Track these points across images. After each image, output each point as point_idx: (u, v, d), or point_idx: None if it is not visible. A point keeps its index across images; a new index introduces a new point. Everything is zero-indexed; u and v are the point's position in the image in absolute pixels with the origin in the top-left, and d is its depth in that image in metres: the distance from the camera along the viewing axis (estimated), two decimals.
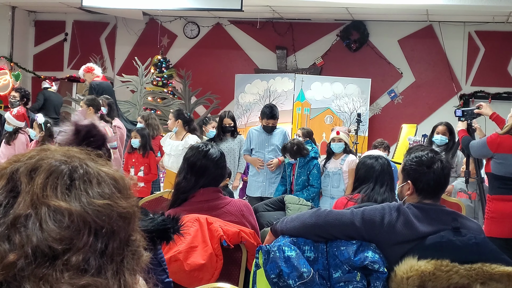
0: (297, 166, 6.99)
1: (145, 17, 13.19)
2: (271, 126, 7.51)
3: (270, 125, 7.49)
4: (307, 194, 6.75)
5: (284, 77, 11.90)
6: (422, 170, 2.91)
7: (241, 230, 3.35)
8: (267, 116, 7.47)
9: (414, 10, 10.90)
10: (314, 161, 6.98)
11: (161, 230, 2.39)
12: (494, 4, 9.23)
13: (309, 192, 6.82)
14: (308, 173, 6.91)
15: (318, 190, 6.91)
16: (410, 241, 2.77)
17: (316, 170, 6.93)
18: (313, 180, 6.90)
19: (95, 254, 1.03)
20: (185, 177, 3.59)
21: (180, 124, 7.67)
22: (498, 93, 11.94)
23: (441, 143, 6.79)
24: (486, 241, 2.81)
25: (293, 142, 7.01)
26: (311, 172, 6.91)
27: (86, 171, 1.09)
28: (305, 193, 6.80)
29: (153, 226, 2.36)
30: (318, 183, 6.90)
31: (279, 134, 7.59)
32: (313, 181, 6.90)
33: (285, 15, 12.44)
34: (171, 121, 7.77)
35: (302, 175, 6.95)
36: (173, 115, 7.80)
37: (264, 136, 7.56)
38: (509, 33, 11.43)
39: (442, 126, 6.92)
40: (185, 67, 12.95)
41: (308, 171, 6.92)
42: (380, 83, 12.36)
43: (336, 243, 2.84)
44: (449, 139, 6.83)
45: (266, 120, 7.48)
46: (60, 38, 13.93)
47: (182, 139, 7.55)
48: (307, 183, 6.93)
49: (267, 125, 7.51)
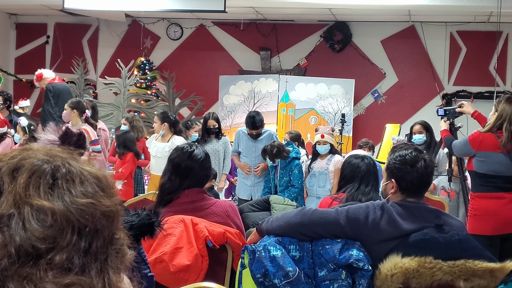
0: (279, 167, 7.00)
1: (127, 19, 13.15)
2: (255, 134, 7.51)
3: (254, 134, 7.49)
4: (288, 195, 6.72)
5: (268, 78, 11.92)
6: (405, 169, 2.93)
7: (226, 231, 3.35)
8: (249, 126, 7.45)
9: (396, 10, 10.95)
10: (296, 162, 6.97)
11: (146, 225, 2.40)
12: (475, 4, 9.29)
13: (290, 192, 6.80)
14: (290, 173, 6.92)
15: (299, 190, 6.88)
16: (394, 239, 2.78)
17: (297, 170, 6.92)
18: (294, 180, 6.90)
19: (79, 253, 1.03)
20: (170, 178, 3.58)
21: (166, 127, 7.64)
22: (480, 92, 12.03)
23: (420, 141, 6.88)
24: (468, 238, 2.83)
25: (273, 145, 7.00)
26: (292, 172, 6.91)
27: (68, 170, 1.09)
28: (286, 193, 6.80)
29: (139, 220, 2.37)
30: (299, 183, 6.89)
31: (266, 138, 7.54)
32: (294, 181, 6.89)
33: (269, 16, 12.45)
34: (157, 124, 7.72)
35: (284, 176, 6.95)
36: (158, 118, 7.76)
37: (251, 141, 7.55)
38: (491, 32, 11.51)
39: (417, 126, 7.05)
40: (168, 69, 12.94)
41: (290, 172, 6.92)
42: (364, 83, 12.41)
43: (321, 241, 2.85)
44: (427, 136, 6.92)
45: (250, 130, 7.49)
46: (42, 41, 13.85)
47: (168, 141, 7.53)
48: (290, 184, 6.94)
49: (251, 134, 7.52)
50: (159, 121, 7.69)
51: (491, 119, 5.09)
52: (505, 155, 4.88)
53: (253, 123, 7.38)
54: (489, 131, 4.98)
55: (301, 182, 6.91)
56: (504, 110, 4.94)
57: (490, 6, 9.15)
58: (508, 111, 4.91)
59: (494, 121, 4.99)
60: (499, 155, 4.90)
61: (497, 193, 4.93)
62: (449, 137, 5.46)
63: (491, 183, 4.93)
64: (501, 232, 4.90)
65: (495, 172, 4.93)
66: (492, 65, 11.87)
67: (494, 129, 4.96)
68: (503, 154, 4.88)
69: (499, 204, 4.90)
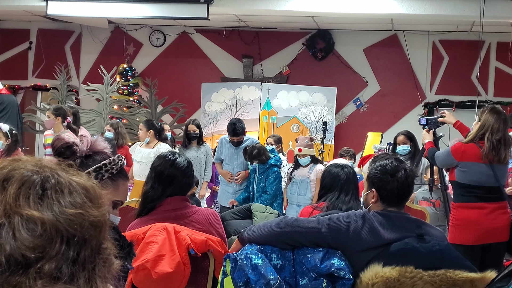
0: (257, 173, 7.03)
1: (110, 25, 13.13)
2: (237, 141, 7.53)
3: (235, 141, 7.51)
4: (261, 201, 6.74)
5: (251, 86, 11.96)
6: (386, 179, 2.95)
7: (208, 239, 3.36)
8: (230, 133, 7.49)
9: (378, 19, 11.03)
10: (274, 169, 6.99)
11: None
12: (457, 14, 9.38)
13: (262, 199, 6.83)
14: (266, 179, 6.95)
15: (271, 196, 6.85)
16: (375, 248, 2.81)
17: (273, 177, 6.93)
18: (268, 186, 6.90)
19: (68, 262, 1.04)
20: (153, 186, 3.59)
21: (152, 134, 7.65)
22: (462, 101, 12.13)
23: (404, 152, 6.92)
24: (449, 247, 2.86)
25: (255, 146, 7.05)
26: (268, 178, 6.94)
27: (57, 181, 1.10)
28: (259, 200, 6.82)
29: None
30: (272, 190, 6.89)
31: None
32: (268, 187, 6.90)
33: (251, 24, 12.49)
34: (142, 132, 7.72)
35: (261, 182, 6.97)
36: (144, 126, 7.76)
37: (233, 149, 7.57)
38: (473, 42, 11.63)
39: (401, 136, 7.09)
40: (151, 76, 12.92)
41: (267, 178, 6.95)
42: (346, 91, 12.47)
43: (302, 250, 2.87)
44: (411, 146, 6.97)
45: (231, 137, 7.51)
46: (24, 47, 13.78)
47: (153, 147, 7.55)
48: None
49: (232, 141, 7.54)
50: (145, 128, 7.70)
51: (474, 129, 5.13)
52: (486, 166, 4.91)
53: (234, 129, 7.41)
54: (471, 141, 5.02)
55: (275, 189, 6.92)
56: (487, 121, 4.99)
57: (472, 15, 9.25)
58: (491, 122, 4.95)
59: (477, 131, 5.03)
60: (481, 166, 4.94)
61: (478, 203, 4.96)
62: (432, 148, 5.48)
63: (472, 193, 4.97)
64: (481, 242, 4.93)
65: (476, 183, 4.96)
66: (474, 74, 11.98)
67: (476, 139, 5.00)
68: (484, 164, 4.92)
69: (480, 214, 4.93)
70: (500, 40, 11.88)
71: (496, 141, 4.91)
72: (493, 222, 4.92)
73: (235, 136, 7.45)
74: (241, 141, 7.52)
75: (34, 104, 12.46)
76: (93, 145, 2.31)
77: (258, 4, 9.78)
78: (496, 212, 4.94)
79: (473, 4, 9.09)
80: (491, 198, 4.96)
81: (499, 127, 4.94)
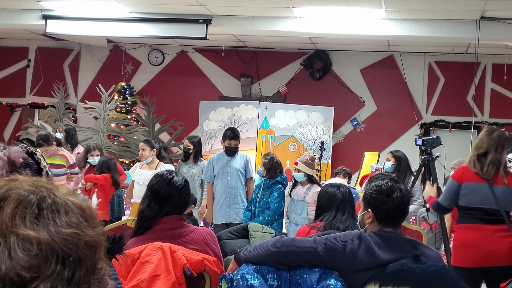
0: (262, 188, 7.03)
1: (109, 44, 13.18)
2: (234, 147, 7.51)
3: (232, 145, 7.50)
4: (263, 217, 6.75)
5: (249, 105, 11.98)
6: (381, 199, 2.97)
7: (204, 258, 3.35)
8: (229, 137, 7.49)
9: (375, 40, 11.10)
10: (278, 185, 6.99)
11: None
12: (453, 36, 9.42)
13: (264, 215, 6.82)
14: (270, 195, 6.95)
15: (273, 213, 6.84)
16: (372, 269, 2.81)
17: (277, 194, 6.92)
18: (271, 202, 6.88)
19: (63, 282, 1.05)
20: (149, 205, 3.58)
21: (154, 153, 7.61)
22: (458, 122, 12.17)
23: (387, 169, 7.19)
24: (445, 269, 2.87)
25: (273, 157, 7.09)
26: (271, 194, 6.94)
27: (54, 201, 1.11)
28: (261, 216, 6.81)
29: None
30: (275, 206, 6.87)
31: (240, 158, 7.57)
32: (271, 203, 6.87)
33: (250, 43, 12.55)
34: (146, 151, 7.57)
35: (265, 197, 6.97)
36: (147, 145, 7.62)
37: (226, 160, 7.54)
38: (468, 63, 11.68)
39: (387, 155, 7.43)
40: (149, 94, 12.96)
41: (270, 194, 6.95)
42: (343, 111, 12.51)
43: (299, 270, 2.87)
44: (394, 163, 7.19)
45: (229, 141, 7.49)
46: (23, 64, 13.81)
47: (156, 168, 7.38)
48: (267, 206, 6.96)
49: (229, 146, 7.50)
50: (148, 147, 7.58)
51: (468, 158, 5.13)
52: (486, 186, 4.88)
53: (232, 132, 7.53)
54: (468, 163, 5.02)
55: (278, 206, 6.90)
56: (479, 140, 5.00)
57: (468, 37, 9.30)
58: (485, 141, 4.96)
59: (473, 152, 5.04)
60: (481, 186, 4.88)
61: (478, 225, 4.88)
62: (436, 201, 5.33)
63: (471, 214, 4.93)
64: (481, 265, 4.84)
65: (474, 204, 4.92)
66: (470, 95, 12.02)
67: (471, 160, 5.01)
68: (485, 184, 4.88)
69: (480, 236, 4.84)
70: (496, 62, 11.94)
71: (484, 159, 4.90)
72: (493, 245, 4.82)
73: (234, 139, 7.46)
74: (237, 148, 7.53)
75: (31, 122, 12.47)
76: (13, 156, 2.25)
77: (256, 25, 9.83)
78: (497, 235, 4.84)
79: (468, 26, 9.15)
80: (491, 220, 4.87)
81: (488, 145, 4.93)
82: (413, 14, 9.07)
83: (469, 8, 8.54)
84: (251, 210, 7.15)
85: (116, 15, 10.12)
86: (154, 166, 7.52)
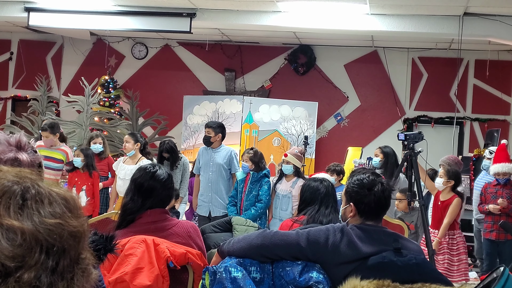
0: (249, 181, 7.05)
1: (92, 37, 13.11)
2: (206, 135, 7.53)
3: (205, 134, 7.54)
4: (255, 210, 6.80)
5: (233, 99, 11.98)
6: (363, 193, 2.99)
7: (188, 251, 3.36)
8: (205, 125, 7.64)
9: (359, 36, 11.13)
10: (266, 179, 7.06)
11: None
12: (436, 31, 9.48)
13: (256, 208, 6.87)
14: (259, 188, 6.98)
15: (265, 205, 6.94)
16: (353, 261, 2.83)
17: (267, 186, 7.00)
18: (262, 194, 6.94)
19: (47, 271, 1.06)
20: (132, 198, 3.58)
21: (138, 147, 7.58)
22: (441, 117, 12.26)
23: (375, 164, 7.29)
24: (425, 261, 2.89)
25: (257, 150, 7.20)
26: (261, 187, 6.97)
27: (38, 191, 1.12)
28: (253, 209, 6.85)
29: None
30: (267, 199, 6.94)
31: (224, 153, 7.57)
32: (262, 195, 6.94)
33: (234, 38, 12.55)
34: (129, 144, 7.55)
35: (253, 191, 7.00)
36: (131, 138, 7.61)
37: (210, 154, 7.56)
38: (452, 59, 11.74)
39: (376, 150, 7.53)
40: (132, 88, 12.91)
41: (260, 187, 6.98)
42: (327, 106, 12.55)
43: (281, 263, 2.89)
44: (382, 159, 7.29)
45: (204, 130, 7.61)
46: (5, 57, 13.73)
47: (137, 163, 7.35)
48: (256, 199, 6.98)
49: (204, 135, 7.58)
50: (132, 140, 7.56)
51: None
52: None
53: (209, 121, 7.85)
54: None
55: (269, 199, 6.98)
56: None
57: (451, 33, 9.35)
58: None
59: None
60: None
61: None
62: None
63: None
64: None
65: None
66: (453, 91, 12.11)
67: None
68: None
69: None
70: (478, 57, 12.04)
71: None
72: None
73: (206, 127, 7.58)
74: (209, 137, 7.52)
75: (13, 115, 12.39)
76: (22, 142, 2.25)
77: (240, 19, 9.82)
78: None
79: (452, 22, 9.20)
80: None
81: None
82: (397, 9, 9.12)
83: (453, 4, 8.60)
84: (236, 204, 7.16)
85: (99, 7, 10.08)
86: (135, 161, 7.51)
